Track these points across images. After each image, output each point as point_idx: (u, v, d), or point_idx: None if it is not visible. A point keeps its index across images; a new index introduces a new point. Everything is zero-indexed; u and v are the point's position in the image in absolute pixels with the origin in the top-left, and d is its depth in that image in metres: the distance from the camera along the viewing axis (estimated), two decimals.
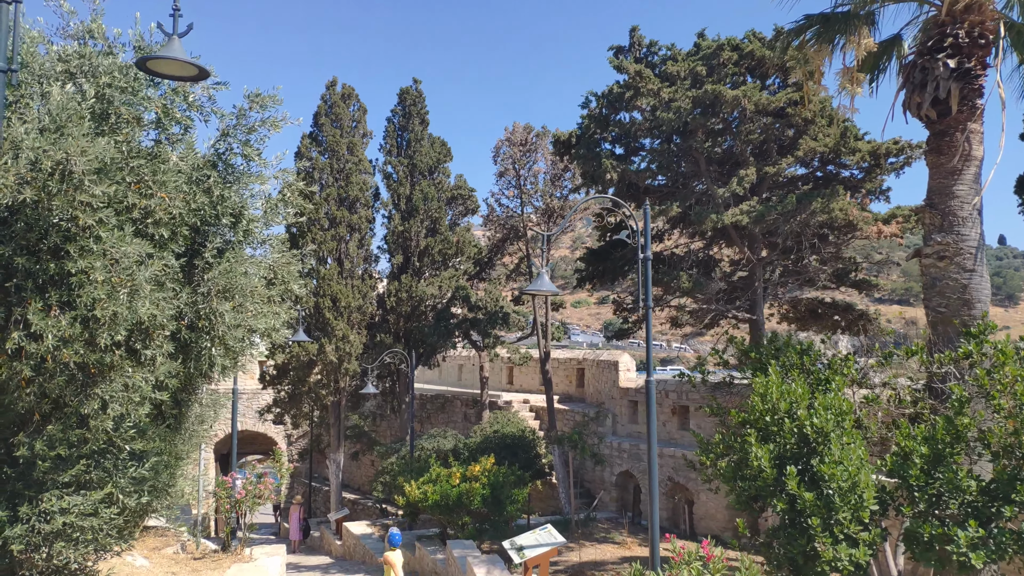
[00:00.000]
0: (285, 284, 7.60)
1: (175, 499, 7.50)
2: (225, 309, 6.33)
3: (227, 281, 6.51)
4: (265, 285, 7.28)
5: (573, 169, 20.71)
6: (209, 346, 6.33)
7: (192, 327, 6.48)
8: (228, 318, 6.39)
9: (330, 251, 24.46)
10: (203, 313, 6.39)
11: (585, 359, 25.68)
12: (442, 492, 15.00)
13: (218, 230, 6.69)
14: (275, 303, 7.43)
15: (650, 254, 8.55)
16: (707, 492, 19.33)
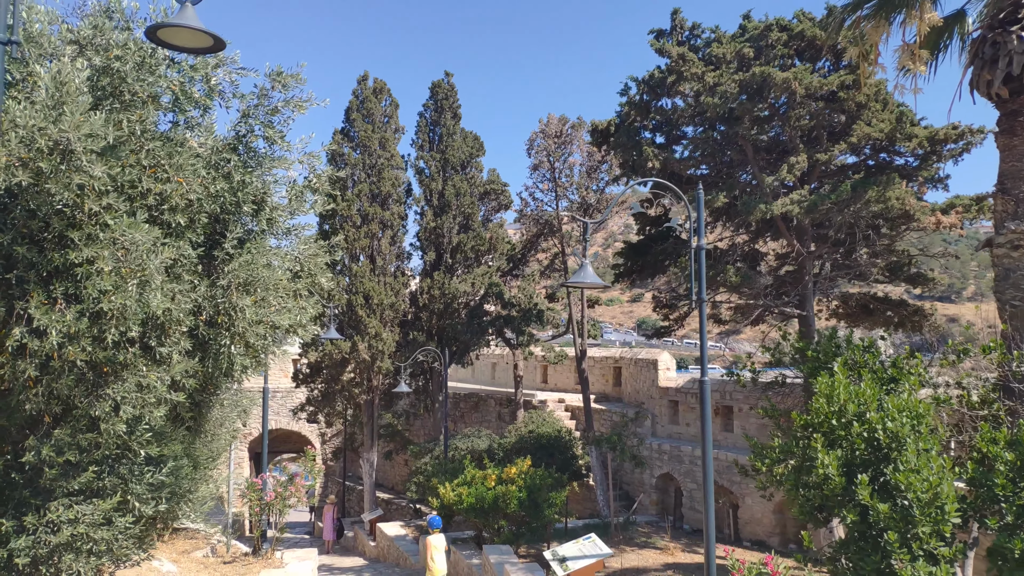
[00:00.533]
0: (312, 277, 7.10)
1: (197, 505, 7.06)
2: (246, 303, 5.84)
3: (248, 273, 6.02)
4: (290, 278, 6.80)
5: (610, 161, 20.03)
6: (228, 343, 5.85)
7: (211, 323, 6.01)
8: (249, 313, 5.90)
9: (363, 248, 24.11)
10: (222, 308, 5.91)
11: (622, 357, 24.97)
12: (477, 495, 14.47)
13: (239, 218, 6.21)
14: (301, 298, 6.95)
15: (704, 242, 7.88)
16: (752, 496, 18.55)
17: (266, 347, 6.12)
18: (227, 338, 5.91)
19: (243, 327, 5.87)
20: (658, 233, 17.94)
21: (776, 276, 16.61)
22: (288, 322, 6.30)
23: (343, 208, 23.53)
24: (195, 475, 7.23)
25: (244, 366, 5.97)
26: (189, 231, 5.86)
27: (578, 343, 20.86)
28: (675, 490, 20.88)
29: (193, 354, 6.02)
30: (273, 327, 6.26)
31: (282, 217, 6.66)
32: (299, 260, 7.07)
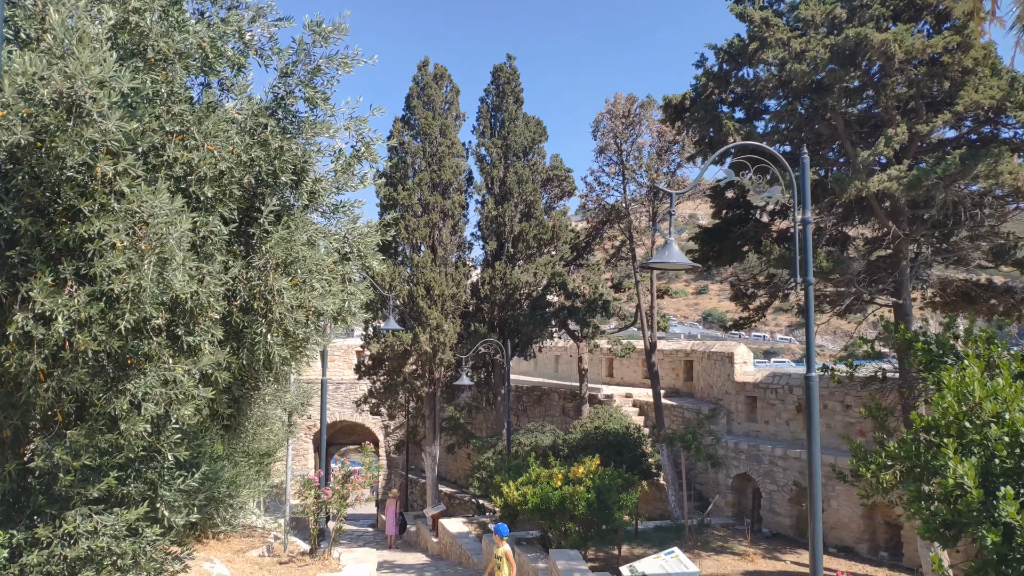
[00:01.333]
0: (362, 259, 6.35)
1: (236, 512, 6.43)
2: (283, 286, 5.12)
3: (286, 252, 5.30)
4: (338, 260, 6.08)
5: (682, 141, 18.85)
6: (264, 332, 5.14)
7: (245, 309, 5.31)
8: (287, 297, 5.18)
9: (423, 238, 23.56)
10: (257, 292, 5.20)
11: (693, 351, 23.73)
12: (542, 495, 13.65)
13: (276, 191, 5.49)
14: (351, 282, 6.21)
15: (808, 216, 6.82)
16: (838, 498, 17.18)
17: (307, 336, 5.39)
18: (263, 326, 5.21)
19: (280, 313, 5.16)
20: (735, 216, 16.69)
21: (868, 262, 15.19)
22: (333, 308, 5.56)
23: (403, 197, 23.01)
24: (236, 478, 6.61)
25: (284, 357, 5.26)
26: (220, 205, 5.18)
27: (647, 335, 19.79)
28: (752, 491, 19.61)
29: (226, 344, 5.35)
30: (316, 313, 5.53)
31: (327, 191, 5.92)
32: (347, 240, 6.34)
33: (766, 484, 18.75)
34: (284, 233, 5.24)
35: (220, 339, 5.26)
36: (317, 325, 5.53)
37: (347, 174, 6.15)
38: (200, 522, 5.97)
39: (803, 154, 7.13)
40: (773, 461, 18.53)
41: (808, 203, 6.83)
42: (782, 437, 19.13)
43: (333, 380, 33.54)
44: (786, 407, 19.09)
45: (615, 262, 22.97)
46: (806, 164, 7.02)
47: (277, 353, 5.27)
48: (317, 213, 6.18)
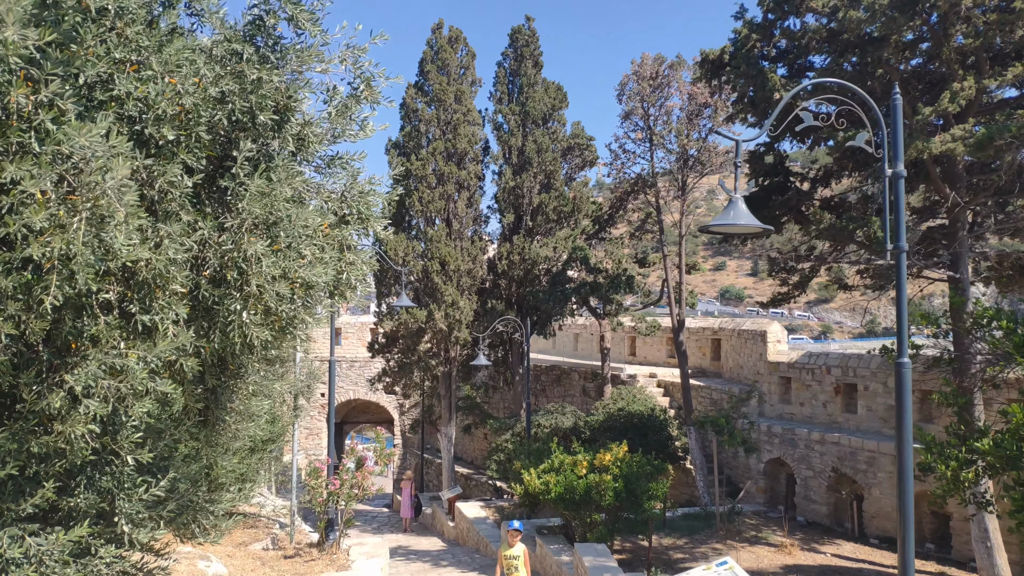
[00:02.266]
0: (364, 222, 5.32)
1: (217, 519, 5.50)
2: (261, 251, 4.09)
3: (267, 210, 4.27)
4: (335, 224, 5.06)
5: (715, 104, 17.58)
6: (239, 309, 4.14)
7: (216, 280, 4.30)
8: (266, 265, 4.15)
9: (438, 211, 22.51)
10: (230, 259, 4.18)
11: (722, 328, 22.61)
12: (567, 484, 12.72)
13: (254, 135, 4.44)
14: (351, 250, 5.20)
15: (902, 169, 5.68)
16: (880, 487, 16.12)
17: (294, 314, 4.38)
18: (237, 301, 4.19)
19: (258, 285, 4.14)
20: (774, 184, 15.48)
21: (920, 232, 13.99)
22: (326, 279, 4.54)
23: (417, 168, 21.93)
24: (219, 479, 5.67)
25: (264, 340, 4.26)
26: (183, 151, 4.15)
27: (675, 312, 18.70)
28: (786, 477, 18.60)
29: (193, 323, 4.35)
30: (304, 286, 4.51)
31: (318, 138, 4.87)
32: (345, 199, 5.30)
33: (801, 470, 17.71)
34: (262, 184, 4.20)
35: (185, 318, 4.28)
36: (306, 300, 4.51)
37: (343, 118, 5.09)
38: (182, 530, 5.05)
39: (895, 95, 5.97)
40: (809, 446, 17.48)
41: (901, 152, 5.69)
42: (818, 420, 18.06)
43: (347, 358, 32.79)
44: (823, 388, 17.99)
45: (639, 235, 21.81)
46: (898, 107, 5.87)
47: (256, 335, 4.26)
48: (309, 167, 5.14)
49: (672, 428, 19.53)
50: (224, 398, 5.14)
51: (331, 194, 5.29)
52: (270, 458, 12.95)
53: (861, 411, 17.24)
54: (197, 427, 5.23)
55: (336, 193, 5.34)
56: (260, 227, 4.38)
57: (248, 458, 10.69)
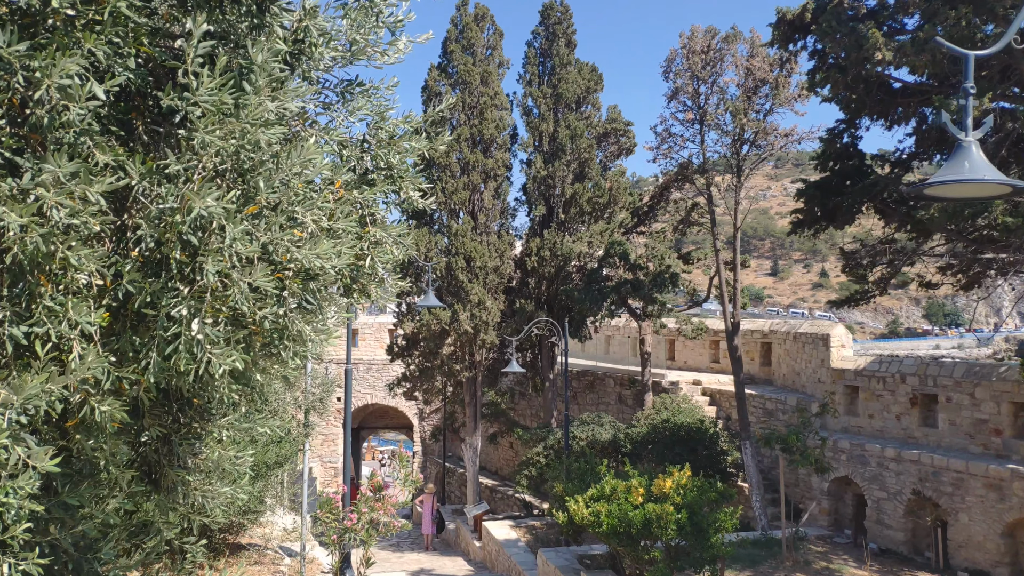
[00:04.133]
0: (395, 180, 3.55)
1: None
2: (220, 212, 2.28)
3: (235, 142, 2.46)
4: (352, 184, 3.29)
5: (774, 81, 15.65)
6: (187, 314, 2.33)
7: (155, 265, 2.51)
8: (233, 237, 2.32)
9: (462, 203, 20.74)
10: (170, 228, 2.38)
11: (773, 331, 20.67)
12: (620, 515, 10.89)
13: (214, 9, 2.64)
14: (380, 224, 3.45)
15: None
16: (970, 511, 14.13)
17: (284, 324, 2.59)
18: (183, 301, 2.41)
19: (219, 272, 2.34)
20: (848, 168, 13.58)
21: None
22: (338, 264, 2.73)
23: (440, 156, 20.16)
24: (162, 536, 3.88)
25: (229, 368, 2.47)
26: (89, 36, 2.38)
27: (728, 313, 16.79)
28: (853, 498, 16.63)
29: (120, 338, 2.64)
30: (302, 274, 2.71)
31: (325, 37, 3.08)
32: (367, 146, 3.52)
33: (873, 491, 15.75)
34: (227, 99, 2.42)
35: (102, 329, 2.55)
36: (305, 299, 2.72)
37: (365, 27, 3.29)
38: None
39: None
40: (883, 463, 15.51)
41: None
42: (891, 435, 16.09)
43: (364, 360, 31.16)
44: (897, 399, 16.02)
45: (684, 228, 19.91)
46: None
47: (216, 359, 2.47)
48: (312, 88, 3.35)
49: (723, 442, 17.65)
50: (183, 449, 3.37)
51: (347, 139, 3.52)
52: (277, 482, 11.26)
53: (942, 425, 15.25)
54: (143, 492, 3.45)
55: (354, 138, 3.57)
56: (227, 175, 2.61)
57: (251, 485, 8.93)
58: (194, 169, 2.45)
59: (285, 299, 2.55)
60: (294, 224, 2.64)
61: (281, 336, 2.60)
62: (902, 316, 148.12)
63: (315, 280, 2.66)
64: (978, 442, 14.65)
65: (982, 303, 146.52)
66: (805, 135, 16.05)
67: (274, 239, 2.51)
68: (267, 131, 2.52)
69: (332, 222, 2.72)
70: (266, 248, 2.52)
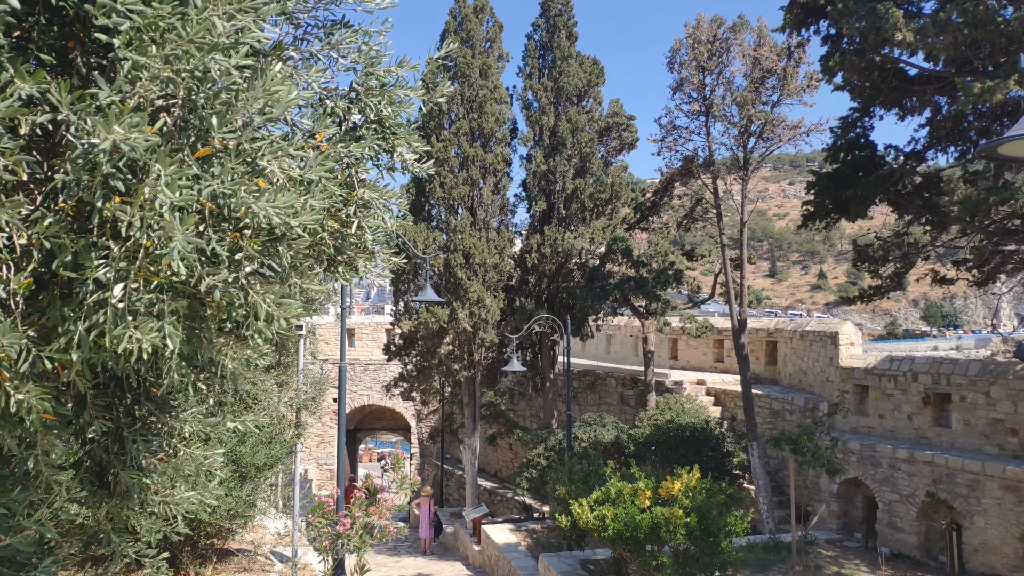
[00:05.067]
0: (386, 137, 3.07)
1: None
2: (138, 143, 1.78)
3: (178, 64, 1.94)
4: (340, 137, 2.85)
5: (781, 72, 15.20)
6: (112, 279, 1.83)
7: (85, 219, 2.02)
8: (162, 181, 1.82)
9: (461, 198, 20.26)
10: (96, 168, 1.86)
11: (779, 330, 20.20)
12: (626, 519, 10.42)
13: None
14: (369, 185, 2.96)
15: None
16: (986, 515, 13.67)
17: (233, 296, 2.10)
18: (110, 262, 1.91)
19: (140, 225, 1.84)
20: (860, 159, 13.13)
21: None
22: (306, 220, 2.22)
23: (438, 150, 19.71)
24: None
25: (157, 346, 1.99)
26: None
27: (735, 311, 16.33)
28: (863, 500, 16.16)
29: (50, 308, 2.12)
30: (267, 235, 2.21)
31: None
32: (357, 95, 3.08)
33: (884, 493, 15.27)
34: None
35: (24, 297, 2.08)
36: (269, 265, 2.25)
37: None
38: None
39: None
40: (895, 465, 15.05)
41: None
42: (903, 435, 15.63)
43: (360, 360, 30.66)
44: (908, 399, 15.56)
45: (688, 224, 19.44)
46: None
47: (140, 334, 2.00)
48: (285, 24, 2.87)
49: (729, 443, 17.19)
50: (139, 448, 2.88)
51: (332, 89, 3.05)
52: (268, 485, 10.78)
53: (956, 425, 14.79)
54: (92, 497, 2.97)
55: (340, 89, 3.11)
56: (173, 110, 2.12)
57: (238, 489, 8.49)
58: (132, 99, 1.97)
59: (239, 263, 2.07)
60: (257, 173, 2.16)
61: (232, 309, 2.12)
62: (900, 317, 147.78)
63: (280, 242, 2.18)
64: (994, 442, 14.19)
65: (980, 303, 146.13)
66: (814, 127, 15.59)
67: (228, 189, 2.03)
68: (220, 57, 2.03)
69: (304, 173, 2.23)
70: (217, 200, 2.04)
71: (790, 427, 17.11)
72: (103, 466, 2.91)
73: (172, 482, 3.05)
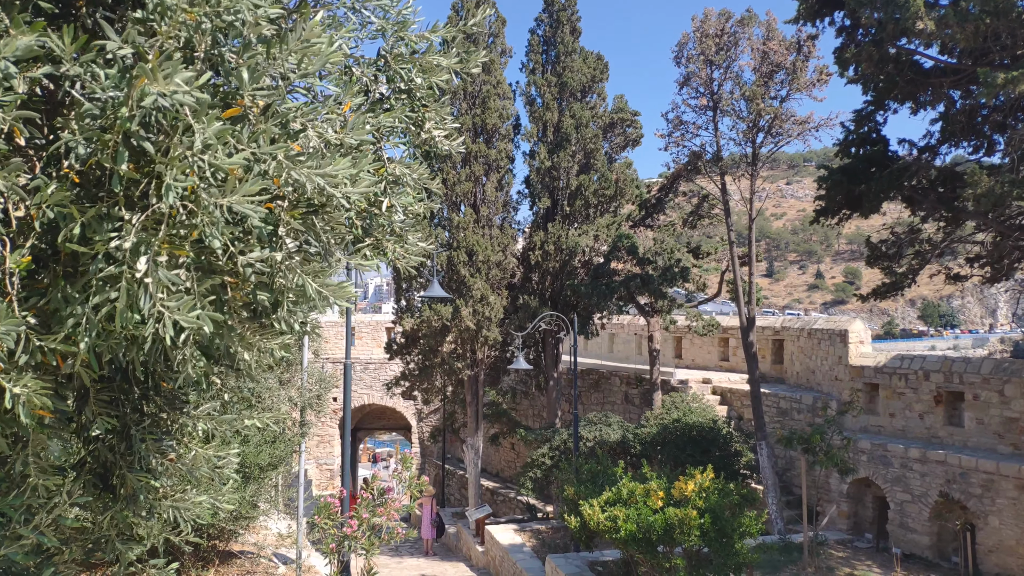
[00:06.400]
0: (417, 110, 2.80)
1: None
2: (185, 98, 1.49)
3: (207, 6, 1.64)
4: (366, 106, 2.58)
5: (790, 67, 14.97)
6: (129, 251, 1.55)
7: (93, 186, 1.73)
8: (203, 141, 1.53)
9: (464, 195, 20.02)
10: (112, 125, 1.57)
11: (786, 328, 19.99)
12: (639, 520, 10.18)
13: None
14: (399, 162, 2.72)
15: None
16: (1001, 515, 13.46)
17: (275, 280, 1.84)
18: (126, 233, 1.66)
19: (178, 189, 1.57)
20: (872, 153, 12.91)
21: None
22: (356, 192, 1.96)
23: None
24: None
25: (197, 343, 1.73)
26: None
27: (743, 309, 16.10)
28: (873, 500, 15.95)
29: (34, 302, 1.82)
30: (307, 206, 1.95)
31: None
32: (386, 61, 2.83)
33: (895, 493, 15.06)
34: None
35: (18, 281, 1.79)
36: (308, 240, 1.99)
37: None
38: None
39: None
40: (906, 464, 14.83)
41: None
42: (913, 434, 15.42)
43: (361, 359, 30.40)
44: (919, 397, 15.34)
45: (694, 221, 19.21)
46: None
47: (173, 315, 1.73)
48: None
49: (736, 442, 16.97)
50: (147, 447, 2.63)
51: (357, 58, 2.81)
52: (271, 485, 10.52)
53: (969, 424, 14.58)
54: (96, 502, 2.72)
55: (366, 58, 2.86)
56: (197, 63, 1.81)
57: (242, 489, 8.23)
58: (149, 50, 1.72)
59: (280, 238, 1.82)
60: (291, 137, 1.91)
61: (270, 291, 1.87)
62: (898, 317, 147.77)
63: (319, 214, 1.93)
64: (1008, 441, 13.99)
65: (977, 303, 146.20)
66: (823, 122, 15.35)
67: (263, 153, 1.78)
68: (254, 3, 1.79)
69: (343, 136, 1.98)
70: (250, 165, 1.79)
71: (798, 426, 16.89)
72: (107, 467, 2.65)
73: (183, 485, 2.80)
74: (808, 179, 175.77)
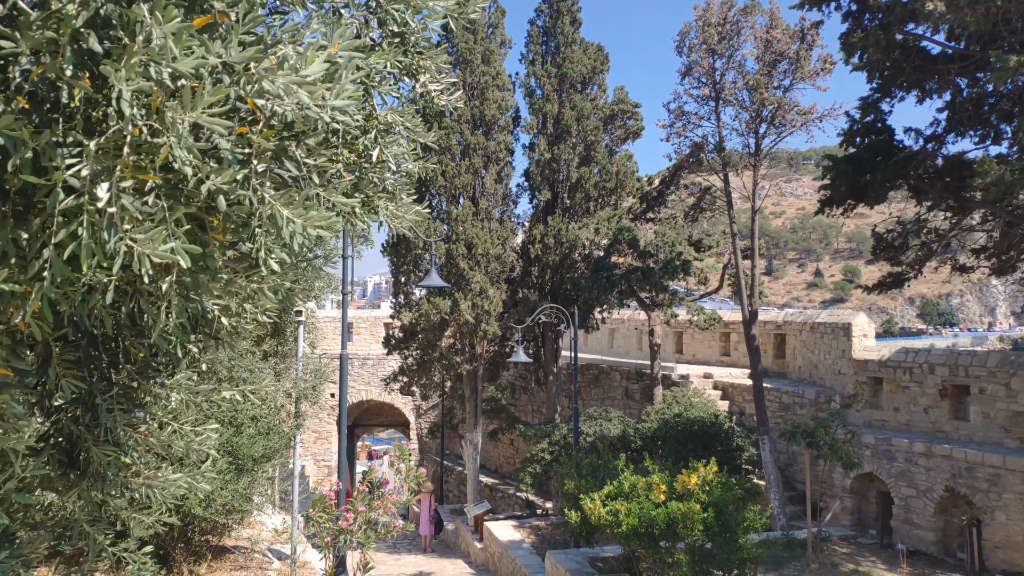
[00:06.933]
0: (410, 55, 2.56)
1: None
2: None
3: None
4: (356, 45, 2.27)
5: (793, 56, 14.75)
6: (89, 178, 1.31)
7: (47, 111, 1.45)
8: (161, 37, 1.26)
9: (463, 187, 19.79)
10: (61, 25, 1.30)
11: (787, 322, 19.79)
12: (641, 514, 9.96)
13: None
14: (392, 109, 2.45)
15: None
16: (1008, 510, 13.26)
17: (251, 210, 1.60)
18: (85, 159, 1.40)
19: (129, 101, 1.30)
20: (877, 143, 12.70)
21: None
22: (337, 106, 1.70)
23: (440, 138, 19.21)
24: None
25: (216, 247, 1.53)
26: None
27: (746, 303, 15.89)
28: (877, 495, 15.75)
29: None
30: (282, 127, 1.68)
31: None
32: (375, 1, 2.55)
33: (900, 488, 14.86)
34: None
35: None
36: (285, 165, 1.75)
37: None
38: None
39: None
40: (911, 459, 14.63)
41: None
42: (918, 428, 15.22)
43: (359, 355, 30.17)
44: (924, 391, 15.14)
45: (695, 214, 19.00)
46: None
47: (142, 248, 1.48)
48: None
49: (738, 437, 16.77)
50: (116, 419, 2.41)
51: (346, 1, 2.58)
52: (266, 479, 10.30)
53: (974, 418, 14.38)
54: (62, 477, 2.50)
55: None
56: None
57: (235, 482, 8.02)
58: None
59: (250, 161, 1.60)
60: (266, 46, 1.68)
61: (242, 226, 1.64)
62: (896, 315, 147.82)
63: (298, 139, 1.71)
64: (1014, 436, 13.79)
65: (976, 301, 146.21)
66: (827, 112, 15.14)
67: (233, 60, 1.55)
68: None
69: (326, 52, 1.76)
70: (219, 76, 1.57)
71: (801, 421, 16.69)
72: (73, 441, 2.43)
73: (158, 462, 2.57)
74: (807, 178, 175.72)
